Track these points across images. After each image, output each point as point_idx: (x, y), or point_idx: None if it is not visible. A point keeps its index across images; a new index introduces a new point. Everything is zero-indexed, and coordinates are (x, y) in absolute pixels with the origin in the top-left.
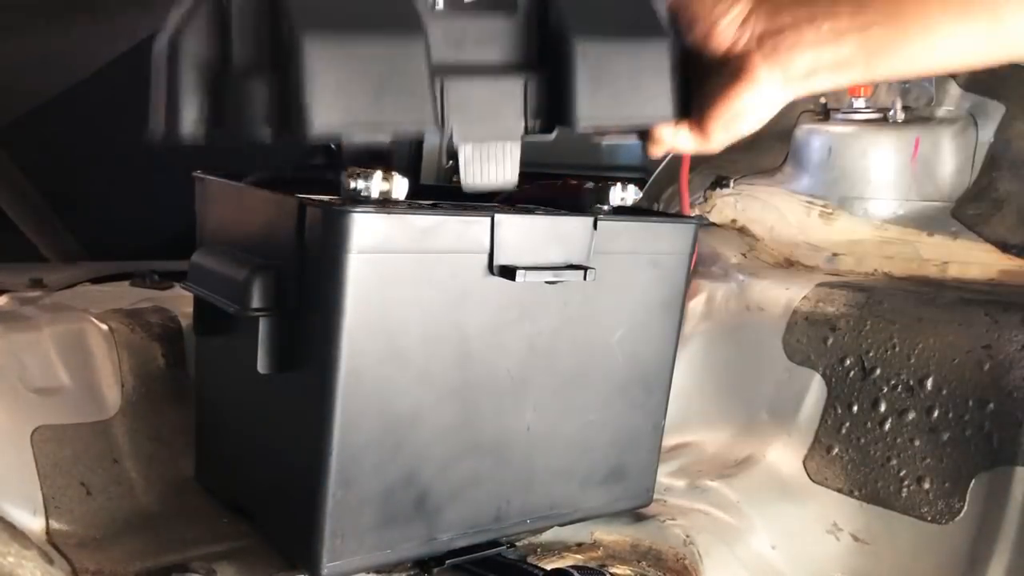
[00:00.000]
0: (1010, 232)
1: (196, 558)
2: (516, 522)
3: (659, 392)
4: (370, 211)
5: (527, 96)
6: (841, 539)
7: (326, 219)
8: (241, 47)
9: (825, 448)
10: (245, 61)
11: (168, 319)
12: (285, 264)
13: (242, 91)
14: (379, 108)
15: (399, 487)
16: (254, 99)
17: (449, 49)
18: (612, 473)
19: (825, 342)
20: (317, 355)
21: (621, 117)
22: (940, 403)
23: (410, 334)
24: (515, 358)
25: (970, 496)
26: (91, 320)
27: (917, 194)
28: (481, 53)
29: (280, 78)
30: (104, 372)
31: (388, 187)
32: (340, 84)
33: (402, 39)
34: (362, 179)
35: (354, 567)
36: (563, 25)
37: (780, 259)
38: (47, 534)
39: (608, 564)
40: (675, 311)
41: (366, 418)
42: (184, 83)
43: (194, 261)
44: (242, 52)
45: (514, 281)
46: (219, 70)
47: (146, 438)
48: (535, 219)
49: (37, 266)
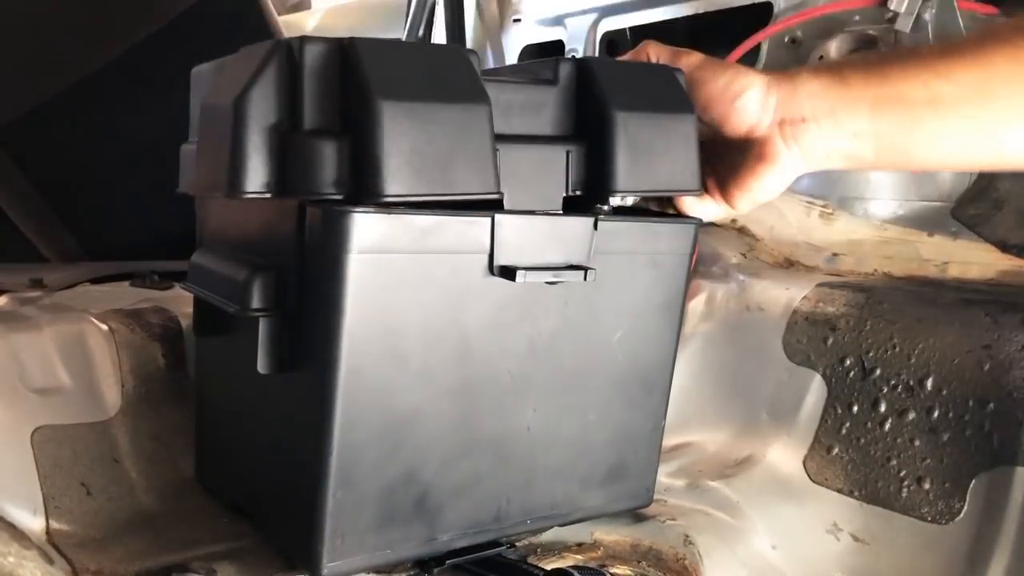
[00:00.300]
0: (1010, 232)
1: (196, 558)
2: (516, 522)
3: (659, 392)
4: (370, 211)
5: (568, 165)
6: (841, 539)
7: (326, 219)
8: (312, 109)
9: (825, 448)
10: (316, 123)
11: (168, 319)
12: (285, 264)
13: (312, 152)
14: (448, 175)
15: (399, 487)
16: (324, 161)
17: (498, 118)
18: (612, 473)
19: (825, 342)
20: (317, 355)
21: (653, 186)
22: (940, 403)
23: (410, 334)
24: (515, 358)
25: (970, 496)
26: (91, 320)
27: (917, 194)
28: (526, 123)
29: (353, 142)
30: (104, 372)
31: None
32: (413, 150)
33: (471, 109)
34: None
35: (354, 567)
36: (603, 98)
37: (780, 259)
38: (47, 534)
39: (608, 564)
40: (675, 311)
41: (366, 418)
42: (251, 144)
43: (194, 261)
44: (313, 114)
45: (514, 281)
46: (286, 130)
47: (146, 438)
48: (535, 219)
49: (37, 266)
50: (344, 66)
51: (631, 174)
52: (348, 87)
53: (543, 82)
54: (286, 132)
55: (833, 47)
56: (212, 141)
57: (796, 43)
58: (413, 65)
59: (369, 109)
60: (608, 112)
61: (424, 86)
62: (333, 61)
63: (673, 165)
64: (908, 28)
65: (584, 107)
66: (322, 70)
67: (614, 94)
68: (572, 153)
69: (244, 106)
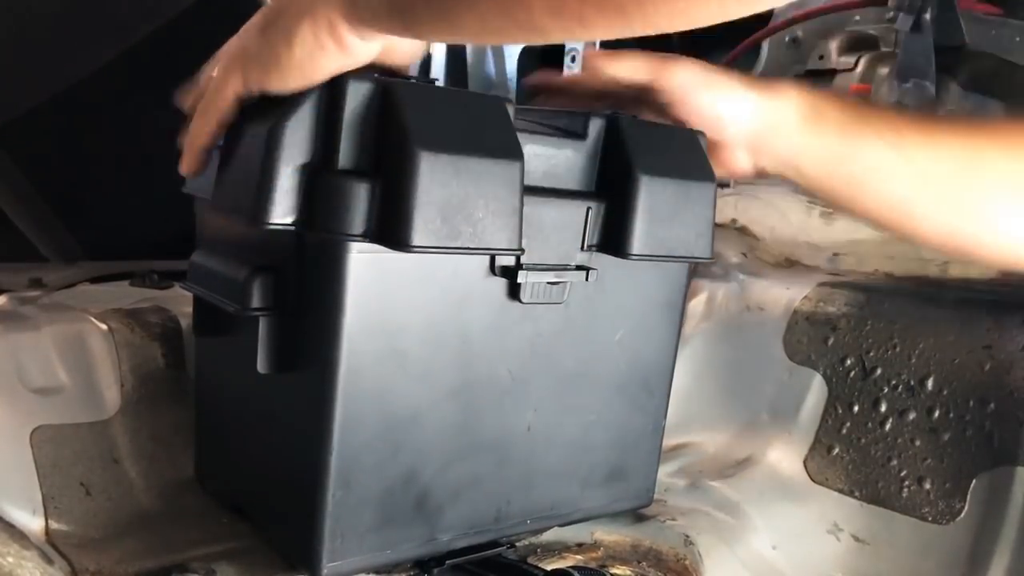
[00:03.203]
0: None
1: (196, 558)
2: (516, 522)
3: (660, 392)
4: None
5: (587, 222)
6: (842, 539)
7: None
8: (348, 149)
9: (826, 448)
10: (349, 163)
11: (168, 319)
12: (285, 264)
13: (342, 193)
14: (476, 229)
15: (399, 487)
16: (354, 203)
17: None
18: (612, 473)
19: (826, 342)
20: (317, 355)
21: (668, 252)
22: (941, 403)
23: (411, 334)
24: (516, 358)
25: (971, 496)
26: (91, 320)
27: None
28: (550, 176)
29: (385, 187)
30: (104, 372)
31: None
32: (444, 203)
33: (505, 165)
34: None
35: (354, 568)
36: (630, 160)
37: (781, 259)
38: (47, 534)
39: (608, 564)
40: (676, 311)
41: (366, 418)
42: (281, 175)
43: (194, 261)
44: (348, 154)
45: (516, 282)
46: (318, 166)
47: (146, 438)
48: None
49: (37, 266)
50: (384, 109)
51: (648, 239)
52: (386, 131)
53: (572, 135)
54: (317, 168)
55: (833, 47)
56: (239, 164)
57: (796, 43)
58: (452, 114)
59: (406, 158)
60: (633, 175)
61: (461, 137)
62: (374, 103)
63: (688, 233)
64: (908, 28)
65: (609, 165)
66: (362, 110)
67: (640, 156)
68: (592, 211)
69: (279, 136)
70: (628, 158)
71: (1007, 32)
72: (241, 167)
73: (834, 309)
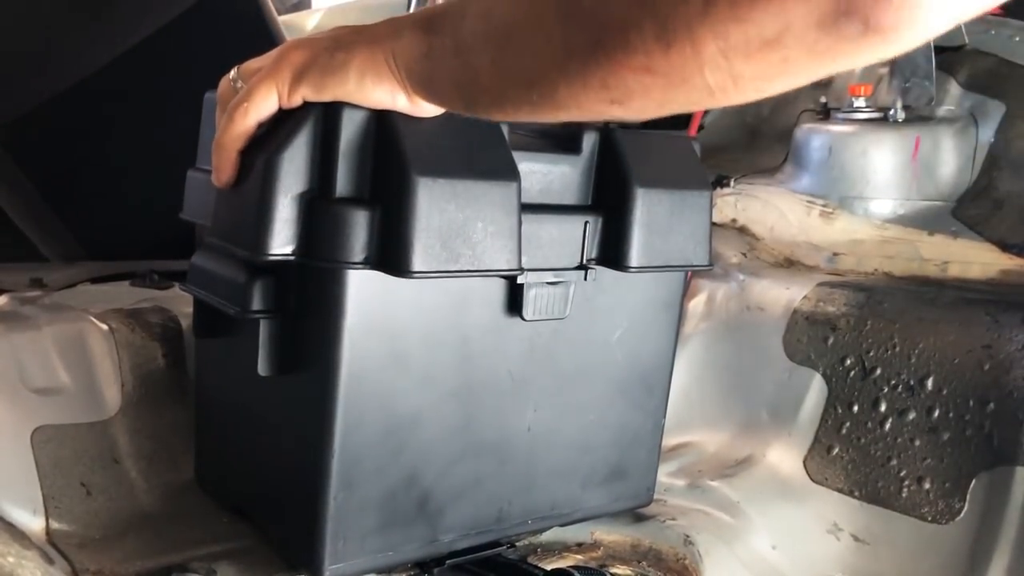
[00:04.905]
0: (1010, 232)
1: (196, 558)
2: (517, 523)
3: (659, 392)
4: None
5: (585, 236)
6: (841, 539)
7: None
8: (345, 177)
9: (825, 448)
10: (347, 191)
11: (168, 319)
12: (286, 267)
13: (341, 221)
14: (475, 251)
15: (401, 489)
16: (353, 231)
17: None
18: (612, 473)
19: (825, 342)
20: (318, 357)
21: (665, 261)
22: (940, 403)
23: (411, 336)
24: (516, 359)
25: (970, 496)
26: (91, 320)
27: (917, 194)
28: (546, 192)
29: (383, 214)
30: (104, 372)
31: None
32: (443, 227)
33: (502, 186)
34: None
35: (356, 569)
36: (626, 173)
37: (780, 259)
38: (47, 534)
39: (608, 564)
40: (674, 310)
41: (367, 420)
42: (279, 206)
43: (194, 262)
44: (345, 182)
45: (516, 282)
46: (316, 195)
47: (146, 438)
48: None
49: (37, 266)
50: (380, 135)
51: (646, 251)
52: (383, 157)
53: (566, 150)
54: (315, 197)
55: None
56: (237, 193)
57: None
58: (447, 137)
59: (404, 184)
60: (629, 187)
61: (458, 160)
62: (370, 129)
63: (686, 242)
64: None
65: (605, 178)
66: (359, 138)
67: (635, 168)
68: (590, 224)
69: (276, 167)
70: (624, 170)
71: (1007, 32)
72: (239, 197)
73: (834, 309)
